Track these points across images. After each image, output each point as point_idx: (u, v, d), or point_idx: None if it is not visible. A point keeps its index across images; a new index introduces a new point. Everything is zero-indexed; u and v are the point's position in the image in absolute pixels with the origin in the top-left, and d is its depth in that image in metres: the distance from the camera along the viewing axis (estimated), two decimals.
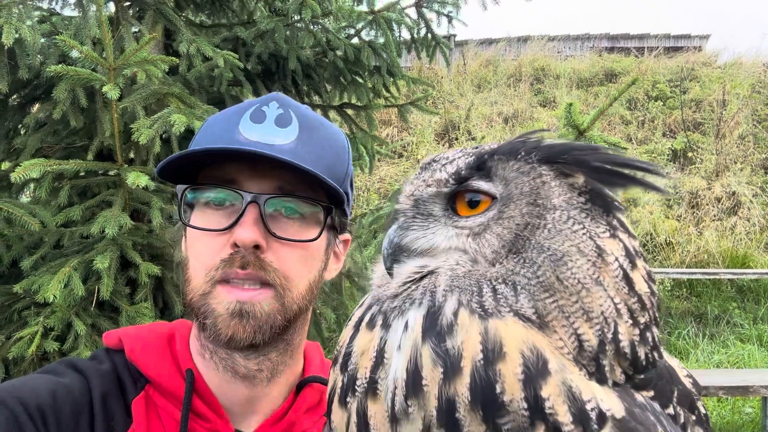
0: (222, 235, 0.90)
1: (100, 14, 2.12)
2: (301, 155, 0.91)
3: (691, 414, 0.63)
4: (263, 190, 0.90)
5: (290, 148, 0.91)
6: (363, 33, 3.34)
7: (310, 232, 0.94)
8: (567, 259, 0.58)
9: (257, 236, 0.88)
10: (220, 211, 0.92)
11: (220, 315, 0.89)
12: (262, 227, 0.89)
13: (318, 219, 0.95)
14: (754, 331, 6.86)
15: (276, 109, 0.95)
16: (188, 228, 0.95)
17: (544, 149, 0.61)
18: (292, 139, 0.92)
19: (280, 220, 0.92)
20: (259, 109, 0.95)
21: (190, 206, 0.95)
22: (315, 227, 0.94)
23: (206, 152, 0.89)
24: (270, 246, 0.90)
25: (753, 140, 9.70)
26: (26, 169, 2.00)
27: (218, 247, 0.90)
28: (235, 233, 0.88)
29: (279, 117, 0.94)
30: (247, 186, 0.90)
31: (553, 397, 0.53)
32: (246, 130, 0.92)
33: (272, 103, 0.96)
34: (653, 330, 0.61)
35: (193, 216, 0.94)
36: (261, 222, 0.89)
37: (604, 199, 0.60)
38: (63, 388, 0.89)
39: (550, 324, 0.57)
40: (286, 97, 0.98)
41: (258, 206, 0.89)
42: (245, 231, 0.87)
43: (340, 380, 0.63)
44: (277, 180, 0.91)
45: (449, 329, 0.57)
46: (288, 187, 0.91)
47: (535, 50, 12.41)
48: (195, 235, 0.93)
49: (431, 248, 0.65)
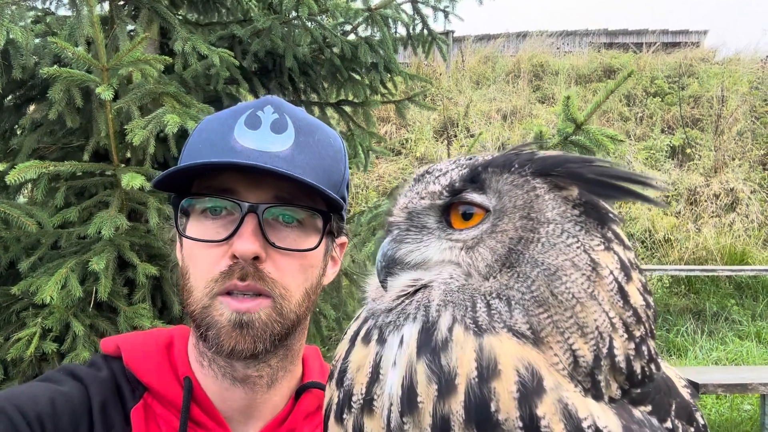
0: (219, 246, 0.89)
1: (92, 14, 2.10)
2: (298, 162, 0.90)
3: (689, 426, 0.62)
4: (260, 199, 0.89)
5: (287, 156, 0.90)
6: (360, 29, 3.33)
7: (309, 240, 0.93)
8: (561, 274, 0.57)
9: (257, 248, 0.87)
10: (217, 221, 0.91)
11: (223, 327, 0.88)
12: (261, 238, 0.88)
13: (316, 226, 0.94)
14: (752, 327, 6.87)
15: (271, 113, 0.94)
16: (185, 238, 0.94)
17: (538, 162, 0.61)
18: (289, 145, 0.91)
19: (279, 229, 0.91)
20: (254, 114, 0.93)
21: (186, 215, 0.94)
22: (314, 235, 0.94)
23: (205, 166, 0.88)
24: (269, 256, 0.89)
25: (751, 136, 9.70)
26: (21, 171, 1.98)
27: (216, 258, 0.89)
28: (235, 245, 0.87)
29: (274, 122, 0.93)
30: (244, 195, 0.89)
31: (548, 415, 0.52)
32: (241, 137, 0.91)
33: (267, 107, 0.95)
34: (649, 343, 0.60)
35: (189, 225, 0.93)
36: (260, 232, 0.88)
37: (598, 212, 0.60)
38: (62, 396, 0.89)
39: (544, 340, 0.56)
40: (280, 101, 0.97)
41: (256, 216, 0.88)
42: (245, 243, 0.87)
43: (336, 396, 0.63)
44: (275, 189, 0.90)
45: (444, 346, 0.56)
46: (285, 195, 0.90)
47: (533, 46, 12.39)
48: (192, 246, 0.92)
49: (425, 261, 0.64)
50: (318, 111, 3.49)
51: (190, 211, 0.93)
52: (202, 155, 0.91)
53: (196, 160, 0.90)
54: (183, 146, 0.99)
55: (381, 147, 3.74)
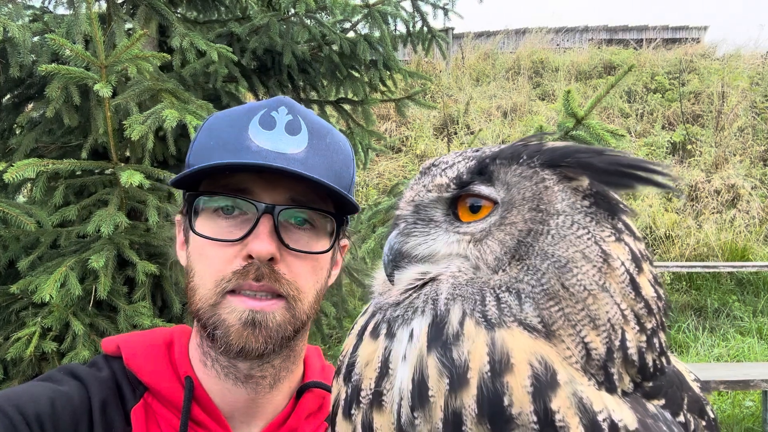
0: (233, 246, 0.89)
1: (90, 11, 2.08)
2: (312, 165, 0.90)
3: (701, 420, 0.62)
4: (276, 201, 0.89)
5: (302, 158, 0.90)
6: (358, 26, 3.31)
7: (321, 242, 0.94)
8: (572, 266, 0.56)
9: (273, 249, 0.87)
10: (229, 220, 0.90)
11: (232, 325, 0.88)
12: (276, 239, 0.88)
13: (327, 229, 0.95)
14: (754, 324, 6.86)
15: (285, 114, 0.94)
16: (194, 235, 0.93)
17: (547, 153, 0.60)
18: (303, 147, 0.91)
19: (292, 231, 0.91)
20: (268, 114, 0.93)
21: (195, 212, 0.93)
22: (324, 237, 0.94)
23: (228, 166, 0.88)
24: (283, 258, 0.90)
25: (752, 132, 9.68)
26: (19, 169, 1.97)
27: (229, 257, 0.89)
28: (251, 245, 0.87)
29: (289, 123, 0.93)
30: (259, 196, 0.89)
31: (563, 409, 0.51)
32: (256, 137, 0.90)
33: (281, 108, 0.94)
34: (660, 335, 0.60)
35: (199, 223, 0.92)
36: (275, 233, 0.88)
37: (609, 202, 0.59)
38: (62, 396, 0.88)
39: (556, 333, 0.55)
40: (293, 102, 0.97)
41: (272, 217, 0.88)
42: (261, 243, 0.87)
43: (343, 392, 0.62)
44: (290, 190, 0.90)
45: (455, 339, 0.56)
46: (300, 197, 0.91)
47: (533, 43, 12.36)
48: (203, 244, 0.91)
49: (432, 254, 0.64)
50: (317, 109, 3.47)
51: (200, 209, 0.92)
52: (216, 154, 0.90)
53: (210, 159, 0.89)
54: (191, 144, 0.97)
55: (381, 145, 3.73)
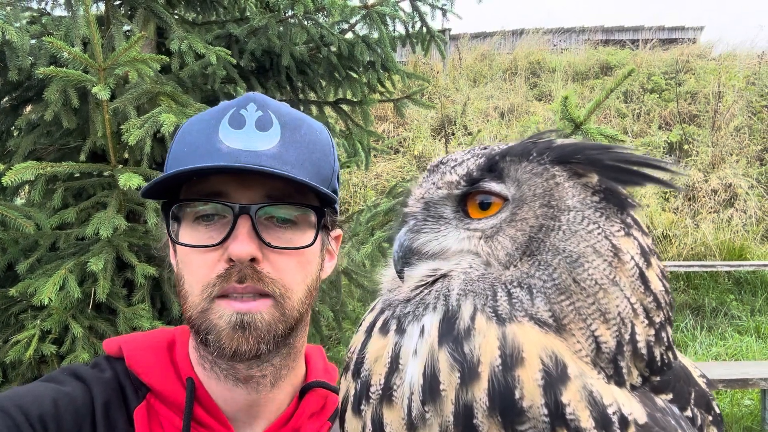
0: (215, 250, 0.88)
1: (88, 14, 2.08)
2: (286, 159, 0.89)
3: (708, 415, 0.63)
4: (252, 200, 0.88)
5: (275, 153, 0.88)
6: (357, 28, 3.31)
7: (305, 236, 0.92)
8: (583, 261, 0.57)
9: (253, 249, 0.86)
10: (210, 226, 0.89)
11: (223, 330, 0.87)
12: (255, 239, 0.87)
13: (310, 222, 0.93)
14: (751, 323, 6.88)
15: (255, 111, 0.92)
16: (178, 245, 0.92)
17: (557, 150, 0.61)
18: (276, 142, 0.89)
19: (273, 228, 0.90)
20: (237, 113, 0.91)
21: (177, 221, 0.92)
22: (308, 231, 0.92)
23: (193, 172, 0.86)
24: (266, 256, 0.88)
25: (748, 132, 9.72)
26: (18, 171, 1.97)
27: (212, 262, 0.88)
28: (230, 248, 0.86)
29: (259, 120, 0.91)
30: (235, 197, 0.88)
31: (574, 402, 0.52)
32: (226, 137, 0.89)
33: (250, 105, 0.92)
34: (668, 329, 0.61)
35: (182, 231, 0.91)
36: (254, 233, 0.87)
37: (618, 197, 0.60)
38: (65, 396, 0.88)
39: (567, 327, 0.56)
40: (263, 97, 0.95)
41: (249, 217, 0.87)
42: (240, 245, 0.85)
43: (352, 388, 0.62)
44: (265, 188, 0.88)
45: (467, 334, 0.56)
46: (277, 193, 0.89)
47: (529, 43, 12.39)
48: (187, 252, 0.91)
49: (443, 251, 0.64)
50: (316, 110, 3.48)
51: (182, 217, 0.91)
52: (188, 159, 0.89)
53: (182, 165, 0.88)
54: (168, 151, 0.96)
55: (381, 145, 3.73)
